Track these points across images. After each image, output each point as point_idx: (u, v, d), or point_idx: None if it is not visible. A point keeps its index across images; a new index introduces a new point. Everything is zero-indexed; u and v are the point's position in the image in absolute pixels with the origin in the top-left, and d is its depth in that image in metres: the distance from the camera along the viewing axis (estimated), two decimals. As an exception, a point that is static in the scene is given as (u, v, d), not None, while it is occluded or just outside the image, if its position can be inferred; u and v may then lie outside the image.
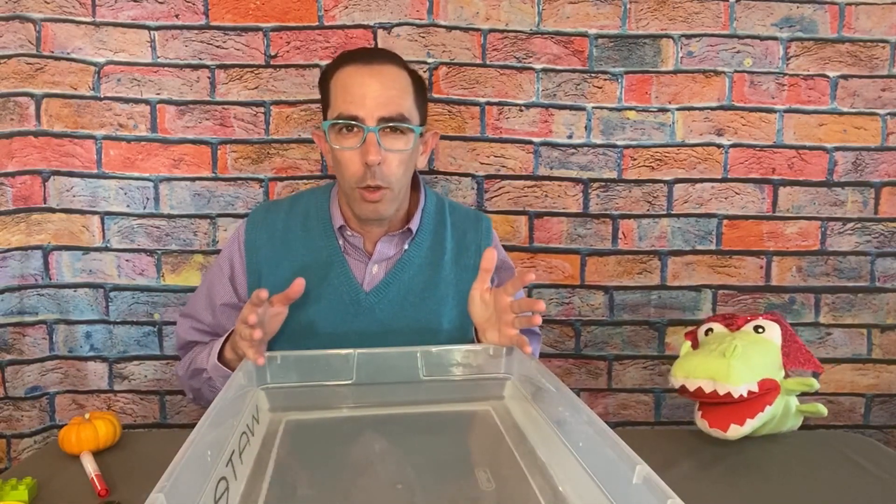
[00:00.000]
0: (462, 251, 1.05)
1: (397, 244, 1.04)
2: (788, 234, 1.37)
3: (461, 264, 1.04)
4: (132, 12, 1.27)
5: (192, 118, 1.30)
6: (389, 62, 0.96)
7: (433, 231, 1.05)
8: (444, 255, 1.04)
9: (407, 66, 0.99)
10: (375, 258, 1.02)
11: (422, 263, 1.03)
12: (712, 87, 1.34)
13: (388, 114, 0.91)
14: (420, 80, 1.00)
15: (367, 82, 0.92)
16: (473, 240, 1.06)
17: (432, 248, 1.04)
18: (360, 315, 1.00)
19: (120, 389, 1.35)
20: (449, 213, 1.08)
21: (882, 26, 1.32)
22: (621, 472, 0.52)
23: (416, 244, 1.03)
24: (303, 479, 0.69)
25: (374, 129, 0.91)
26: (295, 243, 1.03)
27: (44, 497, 0.78)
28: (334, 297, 1.00)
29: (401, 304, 1.01)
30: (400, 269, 1.02)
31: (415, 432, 0.81)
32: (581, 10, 1.31)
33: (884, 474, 0.85)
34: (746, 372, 0.91)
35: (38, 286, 1.30)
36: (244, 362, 0.81)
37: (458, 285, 1.02)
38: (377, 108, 0.91)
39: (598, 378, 1.40)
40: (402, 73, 0.96)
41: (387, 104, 0.92)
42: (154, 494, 0.45)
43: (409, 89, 0.96)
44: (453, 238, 1.06)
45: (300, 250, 1.02)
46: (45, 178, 1.28)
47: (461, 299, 0.99)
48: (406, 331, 0.99)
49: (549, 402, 0.75)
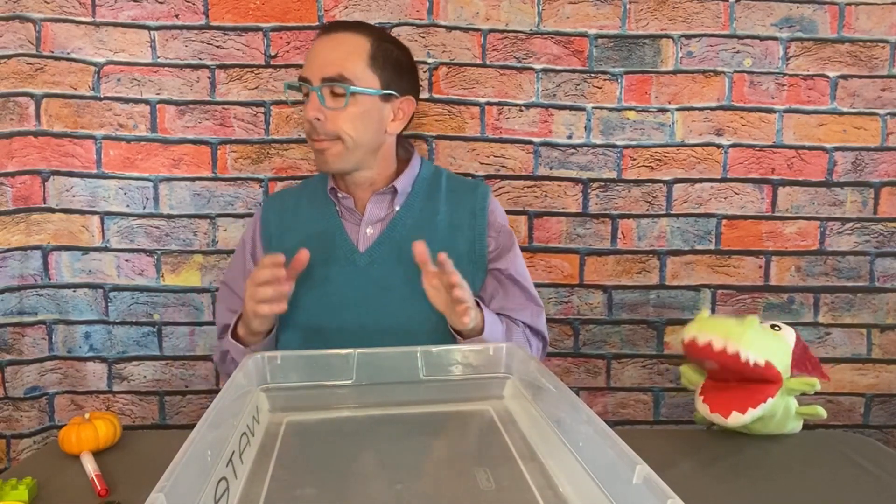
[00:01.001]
0: (456, 212, 1.09)
1: (387, 206, 1.08)
2: (788, 234, 1.37)
3: (454, 224, 1.08)
4: (132, 12, 1.27)
5: (192, 118, 1.30)
6: (347, 30, 1.02)
7: (426, 194, 1.10)
8: (436, 216, 1.08)
9: (367, 28, 1.04)
10: (367, 219, 1.07)
11: (413, 224, 1.07)
12: (712, 87, 1.34)
13: (327, 74, 0.99)
14: (388, 49, 1.03)
15: (318, 48, 1.02)
16: (469, 202, 1.10)
17: (424, 210, 1.08)
18: (358, 275, 1.05)
19: (119, 390, 1.35)
20: (446, 179, 1.13)
21: (882, 26, 1.33)
22: (621, 472, 0.52)
23: (408, 206, 1.08)
24: (303, 479, 0.69)
25: (316, 88, 1.00)
26: (301, 215, 1.11)
27: (44, 497, 0.78)
28: (334, 259, 1.06)
29: (394, 264, 1.04)
30: (391, 229, 1.06)
31: (415, 432, 0.81)
32: (581, 10, 1.31)
33: (884, 474, 0.85)
34: (759, 343, 0.92)
35: (37, 286, 1.30)
36: (244, 362, 0.81)
37: (452, 245, 1.04)
38: (320, 69, 0.99)
39: (597, 377, 1.40)
40: (358, 38, 1.01)
41: (329, 65, 0.99)
42: (154, 494, 0.45)
43: (360, 53, 1.00)
44: (448, 201, 1.09)
45: (305, 220, 1.10)
46: (44, 178, 1.28)
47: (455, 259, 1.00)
48: (401, 288, 1.02)
49: (548, 401, 0.75)
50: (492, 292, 1.08)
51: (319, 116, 1.00)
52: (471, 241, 1.07)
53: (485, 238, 1.08)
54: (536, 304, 1.10)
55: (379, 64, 1.02)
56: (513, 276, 1.08)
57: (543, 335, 1.12)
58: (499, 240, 1.09)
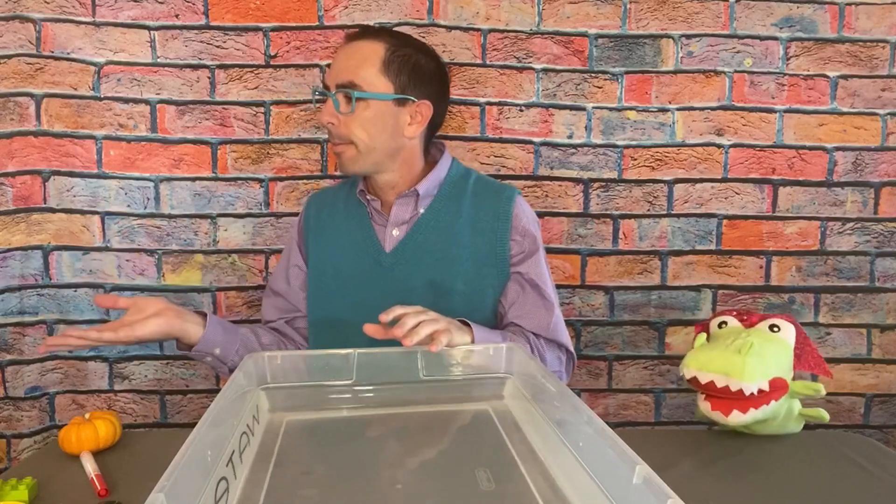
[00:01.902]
0: (479, 216, 1.09)
1: (412, 208, 1.10)
2: (788, 234, 1.37)
3: (477, 228, 1.08)
4: (132, 12, 1.27)
5: (192, 118, 1.30)
6: (366, 37, 1.04)
7: (450, 196, 1.10)
8: (459, 218, 1.08)
9: (386, 33, 1.06)
10: (393, 221, 1.09)
11: (437, 226, 1.08)
12: (712, 87, 1.34)
13: (340, 80, 1.02)
14: (406, 55, 1.04)
15: (338, 55, 1.05)
16: (492, 206, 1.09)
17: (447, 213, 1.09)
18: (383, 274, 1.08)
19: (120, 389, 1.35)
20: (474, 182, 1.13)
21: (882, 26, 1.32)
22: (621, 472, 0.52)
23: (432, 209, 1.09)
24: (303, 479, 0.69)
25: (332, 94, 1.02)
26: (337, 214, 1.15)
27: (44, 497, 0.78)
28: (362, 259, 1.10)
29: (417, 264, 1.06)
30: (416, 231, 1.08)
31: (415, 432, 0.81)
32: (581, 10, 1.31)
33: (884, 474, 0.85)
34: (760, 370, 0.91)
35: (38, 286, 1.30)
36: (244, 361, 0.81)
37: (474, 248, 1.07)
38: (335, 77, 1.03)
39: (599, 378, 1.40)
40: (375, 44, 1.02)
41: (343, 72, 1.02)
42: (154, 494, 0.45)
43: (373, 59, 1.01)
44: (472, 205, 1.10)
45: (340, 220, 1.14)
46: (45, 178, 1.28)
47: (476, 261, 1.06)
48: (423, 289, 1.05)
49: (549, 401, 0.75)
50: (512, 298, 1.07)
51: (333, 121, 1.02)
52: (492, 243, 1.07)
53: (507, 241, 1.07)
54: (555, 313, 1.07)
55: (393, 69, 1.02)
56: (533, 280, 1.06)
57: (567, 347, 1.09)
58: (523, 244, 1.08)
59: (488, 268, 1.06)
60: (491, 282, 1.07)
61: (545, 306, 1.06)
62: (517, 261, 1.07)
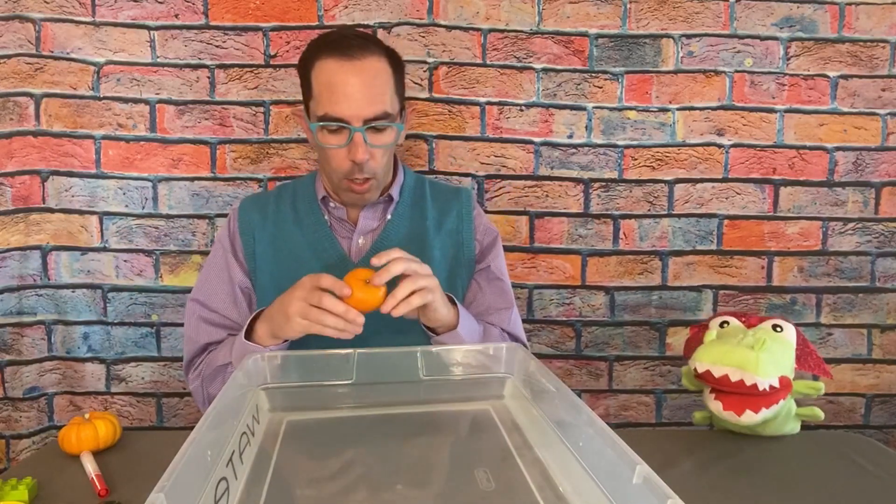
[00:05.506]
0: (444, 217, 1.09)
1: (380, 216, 1.07)
2: (789, 235, 1.37)
3: (444, 229, 1.08)
4: (132, 12, 1.27)
5: (191, 118, 1.30)
6: (369, 53, 0.95)
7: (413, 203, 1.09)
8: (425, 222, 1.07)
9: (382, 46, 0.99)
10: (360, 230, 1.06)
11: (405, 232, 1.06)
12: (713, 86, 1.34)
13: (372, 114, 0.94)
14: (397, 61, 1.01)
15: (350, 81, 0.93)
16: (455, 206, 1.10)
17: (413, 218, 1.08)
18: None
19: (117, 391, 1.34)
20: (428, 187, 1.13)
21: (882, 26, 1.32)
22: (621, 472, 0.52)
23: (398, 215, 1.07)
24: (303, 479, 0.69)
25: (361, 129, 0.93)
26: (286, 224, 1.06)
27: (44, 497, 0.77)
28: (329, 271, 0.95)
29: None
30: (384, 238, 1.05)
31: (415, 432, 0.81)
32: (581, 9, 1.31)
33: (884, 474, 0.85)
34: (772, 366, 0.92)
35: (36, 286, 1.29)
36: (244, 362, 0.81)
37: (442, 250, 1.06)
38: (361, 109, 0.93)
39: (599, 379, 1.40)
40: (382, 61, 0.96)
41: (371, 103, 0.93)
42: (154, 494, 0.45)
43: (389, 80, 0.97)
44: (434, 207, 1.09)
45: (291, 229, 1.06)
46: (43, 177, 1.28)
47: (446, 263, 1.04)
48: None
49: (549, 401, 0.75)
50: (474, 291, 1.08)
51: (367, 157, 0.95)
52: (459, 244, 1.08)
53: (472, 242, 1.09)
54: (513, 307, 1.08)
55: (399, 82, 1.00)
56: (494, 273, 1.09)
57: (524, 343, 1.11)
58: (483, 241, 1.11)
59: (460, 268, 1.07)
60: (462, 282, 1.08)
61: (505, 301, 1.08)
62: (481, 258, 1.09)
